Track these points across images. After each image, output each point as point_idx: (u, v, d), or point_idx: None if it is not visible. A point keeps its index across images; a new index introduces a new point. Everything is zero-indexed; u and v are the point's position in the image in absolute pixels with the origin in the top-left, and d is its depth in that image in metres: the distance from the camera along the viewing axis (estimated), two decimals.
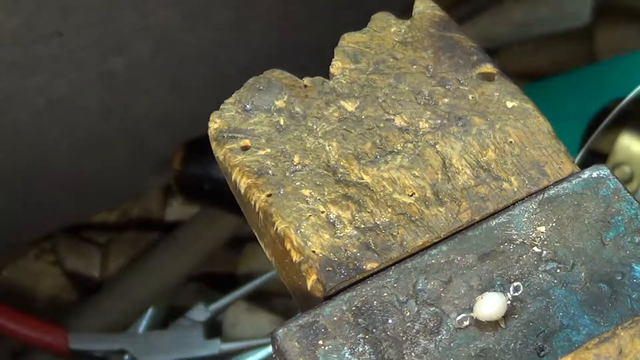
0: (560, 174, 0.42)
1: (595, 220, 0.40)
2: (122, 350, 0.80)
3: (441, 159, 0.43)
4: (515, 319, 0.38)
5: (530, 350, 0.37)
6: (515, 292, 0.38)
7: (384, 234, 0.41)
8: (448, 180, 0.42)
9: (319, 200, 0.41)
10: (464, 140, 0.43)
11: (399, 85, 0.45)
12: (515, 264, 0.39)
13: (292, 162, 0.43)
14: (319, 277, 0.40)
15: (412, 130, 0.43)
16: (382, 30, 0.47)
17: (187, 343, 0.80)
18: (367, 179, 0.42)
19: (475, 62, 0.46)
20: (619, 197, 0.41)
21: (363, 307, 0.39)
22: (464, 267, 0.39)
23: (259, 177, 0.42)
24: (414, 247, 0.40)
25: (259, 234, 0.43)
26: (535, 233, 0.40)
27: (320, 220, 0.41)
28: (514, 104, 0.44)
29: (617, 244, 0.40)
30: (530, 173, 0.42)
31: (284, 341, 0.38)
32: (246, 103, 0.45)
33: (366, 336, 0.38)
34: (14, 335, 0.80)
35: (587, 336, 0.37)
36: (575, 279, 0.39)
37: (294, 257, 0.40)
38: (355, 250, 0.40)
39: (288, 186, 0.42)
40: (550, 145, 0.43)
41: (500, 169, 0.42)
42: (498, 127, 0.43)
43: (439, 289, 0.39)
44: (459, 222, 0.41)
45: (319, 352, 0.37)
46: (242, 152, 0.43)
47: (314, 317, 0.38)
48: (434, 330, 0.38)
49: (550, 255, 0.40)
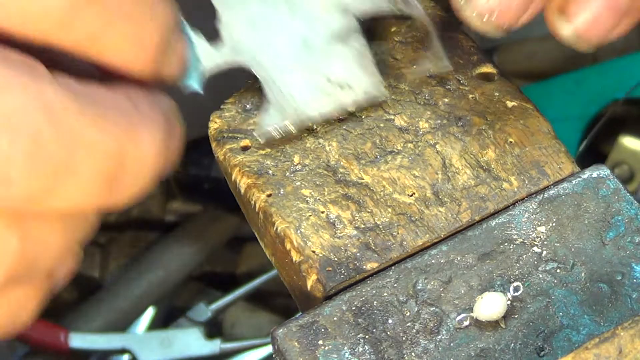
0: (560, 174, 0.42)
1: (595, 220, 0.40)
2: (122, 349, 0.80)
3: (441, 159, 0.43)
4: (515, 319, 0.38)
5: (530, 350, 0.37)
6: (515, 292, 0.38)
7: (384, 234, 0.41)
8: (448, 180, 0.42)
9: (319, 200, 0.41)
10: (464, 140, 0.43)
11: (399, 85, 0.45)
12: (515, 264, 0.39)
13: (292, 162, 0.43)
14: (319, 277, 0.40)
15: (412, 130, 0.43)
16: (382, 30, 0.47)
17: (188, 343, 0.80)
18: (367, 179, 0.42)
19: (475, 62, 0.46)
20: (619, 197, 0.41)
21: (363, 307, 0.39)
22: (464, 267, 0.39)
23: (259, 177, 0.42)
24: (414, 247, 0.40)
25: (259, 234, 0.43)
26: (535, 233, 0.40)
27: (320, 220, 0.41)
28: (514, 104, 0.44)
29: (617, 244, 0.40)
30: (530, 173, 0.42)
31: (284, 341, 0.38)
32: (246, 103, 0.45)
33: (366, 336, 0.38)
34: (15, 335, 0.80)
35: (587, 336, 0.37)
36: (575, 279, 0.39)
37: (294, 257, 0.40)
38: (355, 250, 0.40)
39: (288, 186, 0.42)
40: (550, 145, 0.43)
41: (500, 169, 0.42)
42: (498, 127, 0.43)
43: (439, 289, 0.39)
44: (459, 222, 0.41)
45: (319, 352, 0.37)
46: (242, 152, 0.43)
47: (314, 317, 0.38)
48: (434, 330, 0.38)
49: (550, 255, 0.40)
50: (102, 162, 0.33)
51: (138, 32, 0.34)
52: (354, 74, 0.42)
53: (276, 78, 0.42)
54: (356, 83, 0.42)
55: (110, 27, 0.33)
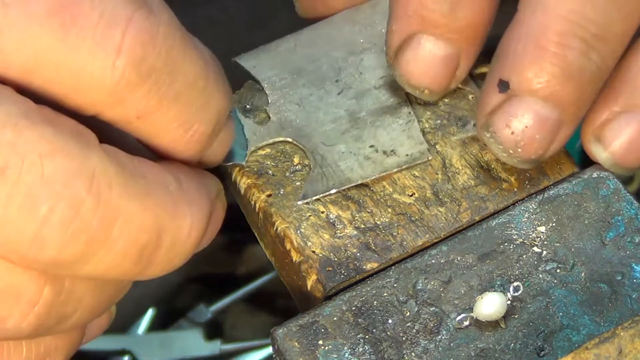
0: (560, 174, 0.42)
1: (595, 220, 0.40)
2: (123, 351, 0.80)
3: (441, 159, 0.43)
4: (515, 319, 0.38)
5: (530, 350, 0.37)
6: (515, 292, 0.38)
7: (384, 234, 0.41)
8: (448, 180, 0.42)
9: (319, 200, 0.41)
10: (464, 140, 0.43)
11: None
12: (515, 264, 0.39)
13: (292, 162, 0.43)
14: (319, 277, 0.40)
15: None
16: None
17: (188, 344, 0.80)
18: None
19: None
20: (619, 197, 0.41)
21: (363, 307, 0.39)
22: (464, 267, 0.39)
23: (259, 177, 0.42)
24: (414, 247, 0.40)
25: (259, 234, 0.43)
26: (535, 233, 0.40)
27: (320, 220, 0.41)
28: None
29: (617, 244, 0.40)
30: (530, 173, 0.42)
31: (284, 341, 0.38)
32: (246, 103, 0.45)
33: (366, 336, 0.38)
34: None
35: (587, 336, 0.37)
36: (575, 279, 0.39)
37: (294, 257, 0.40)
38: (355, 250, 0.40)
39: (288, 186, 0.42)
40: None
41: (500, 169, 0.42)
42: None
43: (439, 289, 0.39)
44: (459, 222, 0.41)
45: (319, 352, 0.37)
46: None
47: (314, 317, 0.38)
48: (434, 330, 0.38)
49: (550, 255, 0.40)
50: (139, 236, 0.33)
51: (190, 119, 0.35)
52: (399, 142, 0.42)
53: (321, 149, 0.43)
54: (400, 149, 0.42)
55: (161, 108, 0.34)
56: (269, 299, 0.84)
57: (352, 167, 0.42)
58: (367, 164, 0.42)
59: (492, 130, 0.40)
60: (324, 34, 0.45)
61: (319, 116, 0.43)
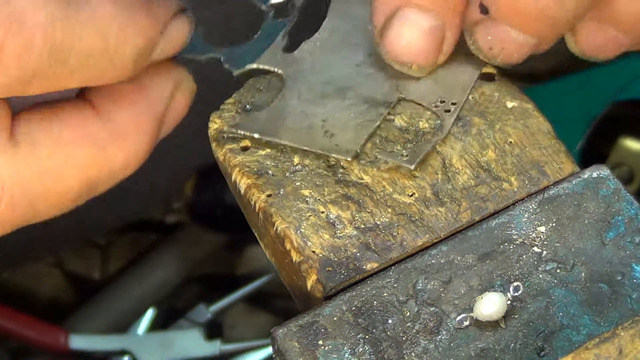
0: (560, 174, 0.42)
1: (595, 220, 0.40)
2: (123, 351, 0.80)
3: (441, 159, 0.43)
4: (515, 319, 0.38)
5: (530, 351, 0.37)
6: (515, 292, 0.38)
7: (384, 234, 0.41)
8: (448, 180, 0.42)
9: (319, 200, 0.41)
10: (464, 140, 0.43)
11: None
12: (515, 264, 0.39)
13: (292, 162, 0.43)
14: (319, 277, 0.40)
15: (412, 130, 0.43)
16: None
17: (188, 344, 0.80)
18: (367, 179, 0.42)
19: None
20: (619, 197, 0.41)
21: (363, 307, 0.39)
22: (464, 267, 0.39)
23: (259, 177, 0.42)
24: (414, 247, 0.40)
25: (259, 234, 0.43)
26: (535, 233, 0.40)
27: (320, 220, 0.41)
28: (514, 104, 0.44)
29: (617, 244, 0.40)
30: (530, 173, 0.42)
31: (284, 341, 0.38)
32: (246, 103, 0.45)
33: (366, 336, 0.38)
34: (15, 336, 0.80)
35: (587, 336, 0.37)
36: (575, 279, 0.39)
37: (294, 257, 0.40)
38: (355, 251, 0.40)
39: (288, 186, 0.42)
40: (550, 145, 0.43)
41: (500, 169, 0.42)
42: (498, 127, 0.43)
43: (439, 289, 0.39)
44: (459, 222, 0.41)
45: (319, 352, 0.37)
46: (242, 152, 0.43)
47: (314, 317, 0.38)
48: (434, 330, 0.38)
49: (550, 255, 0.40)
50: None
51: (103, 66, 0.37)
52: (345, 130, 0.42)
53: (296, 95, 0.43)
54: (338, 136, 0.42)
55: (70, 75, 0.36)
56: (269, 300, 0.84)
57: (292, 128, 0.42)
58: (304, 132, 0.42)
59: (473, 38, 0.43)
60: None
61: (328, 63, 0.44)
